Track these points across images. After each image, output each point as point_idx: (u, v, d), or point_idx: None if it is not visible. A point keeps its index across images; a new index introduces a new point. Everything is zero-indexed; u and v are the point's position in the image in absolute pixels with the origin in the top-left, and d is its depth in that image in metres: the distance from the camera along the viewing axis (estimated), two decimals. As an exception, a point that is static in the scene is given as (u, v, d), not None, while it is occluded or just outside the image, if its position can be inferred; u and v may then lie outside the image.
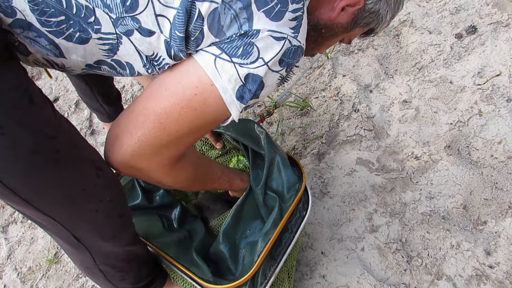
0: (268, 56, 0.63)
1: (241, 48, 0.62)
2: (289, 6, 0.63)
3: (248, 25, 0.62)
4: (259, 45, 0.62)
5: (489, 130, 1.36)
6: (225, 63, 0.63)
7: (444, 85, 1.50)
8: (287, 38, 0.63)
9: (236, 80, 0.63)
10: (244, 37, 0.62)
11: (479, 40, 1.57)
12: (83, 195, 0.69)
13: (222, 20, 0.62)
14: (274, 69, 0.64)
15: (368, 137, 1.43)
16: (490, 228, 1.22)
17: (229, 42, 0.62)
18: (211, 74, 0.63)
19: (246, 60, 0.63)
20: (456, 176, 1.30)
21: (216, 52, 0.63)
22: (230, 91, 0.64)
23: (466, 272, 1.16)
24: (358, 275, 1.18)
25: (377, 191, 1.34)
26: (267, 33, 0.62)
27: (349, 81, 1.55)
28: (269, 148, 1.02)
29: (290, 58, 0.65)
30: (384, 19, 0.78)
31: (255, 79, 0.64)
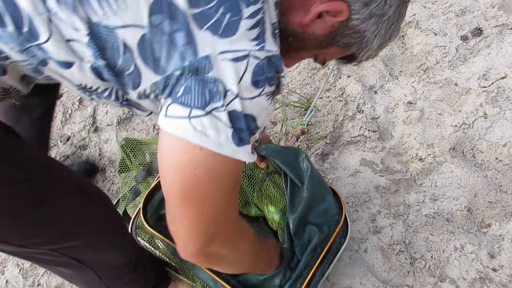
0: (235, 86, 0.51)
1: (205, 91, 0.50)
2: (244, 11, 0.50)
3: (191, 53, 0.49)
4: (218, 76, 0.50)
5: (494, 132, 1.36)
6: (202, 119, 0.51)
7: (449, 87, 1.50)
8: (249, 56, 0.50)
9: (224, 129, 0.52)
10: (197, 74, 0.50)
11: (485, 42, 1.57)
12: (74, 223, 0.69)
13: (156, 50, 0.51)
14: (252, 95, 0.53)
15: (372, 138, 1.43)
16: (494, 231, 1.22)
17: (186, 91, 0.51)
18: (196, 139, 0.52)
19: (219, 101, 0.51)
20: (460, 179, 1.30)
21: (185, 113, 0.51)
22: (226, 144, 0.53)
23: (470, 275, 1.16)
24: (361, 276, 1.18)
25: (381, 193, 1.34)
26: (219, 57, 0.50)
27: (354, 82, 1.55)
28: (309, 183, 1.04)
29: (267, 72, 0.53)
30: (369, 45, 0.65)
31: (237, 117, 0.53)
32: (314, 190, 1.04)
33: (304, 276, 0.98)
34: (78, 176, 0.76)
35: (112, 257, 0.83)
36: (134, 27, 0.49)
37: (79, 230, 0.70)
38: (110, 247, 0.80)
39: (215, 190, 0.58)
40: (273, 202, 1.16)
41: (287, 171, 1.09)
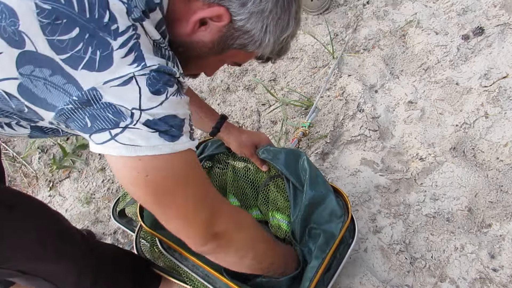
0: (136, 103, 0.54)
1: (108, 115, 0.53)
2: (113, 44, 0.52)
3: (76, 89, 0.52)
4: (114, 101, 0.53)
5: (495, 132, 1.35)
6: (124, 133, 0.54)
7: (450, 87, 1.49)
8: (134, 77, 0.53)
9: (149, 134, 0.55)
10: (92, 105, 0.53)
11: (486, 42, 1.56)
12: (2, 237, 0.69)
13: (37, 92, 0.53)
14: (157, 103, 0.55)
15: (372, 138, 1.43)
16: (494, 231, 1.21)
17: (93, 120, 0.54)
18: (130, 151, 0.55)
19: (127, 119, 0.54)
20: (461, 178, 1.29)
21: (107, 136, 0.55)
22: (160, 144, 0.56)
23: (470, 275, 1.16)
24: (361, 275, 1.18)
25: (381, 192, 1.33)
26: (105, 86, 0.52)
27: (355, 81, 1.54)
28: (308, 188, 1.04)
29: (160, 80, 0.56)
30: (263, 42, 0.67)
31: (154, 123, 0.56)
32: (314, 194, 1.04)
33: (312, 277, 0.97)
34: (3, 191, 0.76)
35: (62, 267, 0.83)
36: (8, 80, 0.53)
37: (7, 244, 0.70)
38: (54, 257, 0.80)
39: (177, 184, 0.61)
40: (279, 209, 1.16)
41: (287, 175, 1.08)
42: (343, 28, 1.73)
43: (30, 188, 1.66)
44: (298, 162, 1.10)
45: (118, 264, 1.00)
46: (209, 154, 1.21)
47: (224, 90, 1.69)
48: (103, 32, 0.52)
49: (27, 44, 0.51)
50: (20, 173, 1.70)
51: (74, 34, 0.51)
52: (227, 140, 1.15)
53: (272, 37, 0.67)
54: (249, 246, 0.79)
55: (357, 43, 1.68)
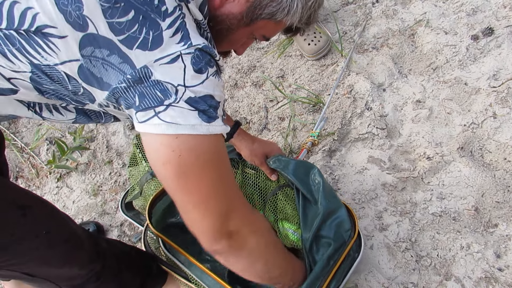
0: (182, 80, 0.58)
1: (157, 92, 0.58)
2: (162, 25, 0.57)
3: (129, 67, 0.57)
4: (162, 78, 0.57)
5: (503, 133, 1.35)
6: (167, 112, 0.58)
7: (459, 87, 1.49)
8: (181, 55, 0.58)
9: (190, 113, 0.59)
10: (143, 83, 0.57)
11: (496, 42, 1.56)
12: (13, 240, 0.69)
13: (95, 72, 0.59)
14: (200, 80, 0.60)
15: (380, 136, 1.43)
16: (501, 231, 1.21)
17: (142, 97, 0.58)
18: (171, 129, 0.58)
19: (172, 96, 0.58)
20: (468, 178, 1.30)
21: (151, 113, 0.59)
22: (198, 124, 0.60)
23: (475, 274, 1.16)
24: (366, 272, 1.18)
25: (388, 190, 1.34)
26: (156, 64, 0.57)
27: (363, 79, 1.55)
28: (323, 199, 1.05)
29: (203, 59, 0.60)
30: (292, 9, 0.69)
31: (195, 101, 0.59)
32: (328, 205, 1.06)
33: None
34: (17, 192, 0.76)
35: (68, 271, 0.83)
36: (70, 62, 0.58)
37: (17, 246, 0.70)
38: (62, 262, 0.80)
39: (205, 167, 0.62)
40: (287, 218, 1.16)
41: (298, 185, 1.09)
42: (352, 26, 1.73)
43: (38, 179, 1.67)
44: (309, 174, 1.10)
45: (125, 263, 1.00)
46: None
47: (232, 86, 1.70)
48: (154, 14, 0.57)
49: (90, 27, 0.55)
50: (28, 164, 1.71)
51: (130, 16, 0.56)
52: (239, 147, 1.16)
53: (300, 2, 0.68)
54: (262, 252, 0.77)
55: (366, 41, 1.68)
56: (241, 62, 1.74)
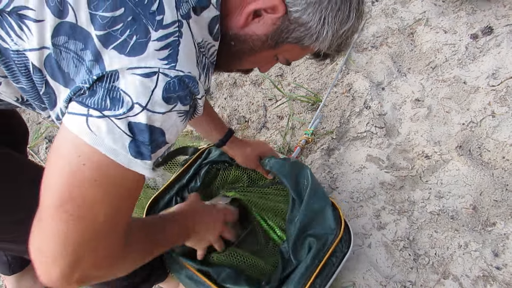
0: (144, 99, 0.50)
1: (107, 97, 0.50)
2: (152, 34, 0.51)
3: (99, 68, 0.51)
4: (125, 89, 0.50)
5: (502, 131, 1.35)
6: (99, 121, 0.50)
7: (458, 85, 1.49)
8: (159, 72, 0.51)
9: (121, 137, 0.51)
10: (103, 83, 0.50)
11: (495, 41, 1.56)
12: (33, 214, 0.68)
13: (63, 66, 0.53)
14: (161, 110, 0.52)
15: (379, 135, 1.43)
16: (499, 229, 1.21)
17: (91, 94, 0.51)
18: (89, 139, 0.50)
19: (120, 109, 0.50)
20: (466, 177, 1.30)
21: (83, 111, 0.51)
22: (121, 152, 0.51)
23: (473, 273, 1.16)
24: (364, 271, 1.18)
25: (386, 189, 1.34)
26: (128, 71, 0.50)
27: (362, 78, 1.55)
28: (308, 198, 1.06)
29: (178, 91, 0.53)
30: (321, 36, 0.62)
31: (140, 128, 0.51)
32: (313, 206, 1.07)
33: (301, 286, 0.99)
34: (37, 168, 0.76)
35: None
36: (40, 50, 0.53)
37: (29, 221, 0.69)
38: None
39: (101, 194, 0.52)
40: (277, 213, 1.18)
41: (288, 187, 1.10)
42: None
43: (37, 177, 1.68)
44: (300, 175, 1.11)
45: None
46: (214, 160, 1.22)
47: (231, 84, 1.70)
48: (147, 19, 0.51)
49: (70, 15, 0.51)
50: (27, 162, 1.72)
51: (118, 13, 0.51)
52: (232, 154, 1.15)
53: (331, 30, 0.62)
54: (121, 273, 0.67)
55: (365, 40, 1.68)
56: (240, 60, 1.74)
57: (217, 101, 1.65)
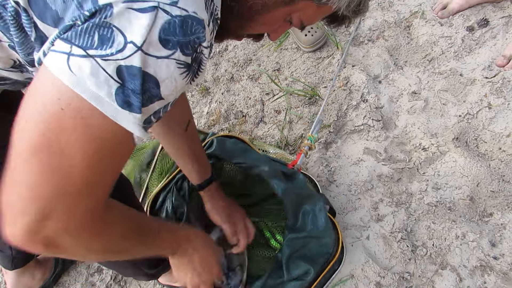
0: (138, 37, 0.43)
1: (95, 34, 0.43)
2: None
3: (91, 3, 0.44)
4: (118, 24, 0.43)
5: (498, 123, 1.36)
6: (81, 60, 0.43)
7: (454, 78, 1.50)
8: (158, 7, 0.44)
9: (107, 82, 0.44)
10: (94, 18, 0.43)
11: (491, 34, 1.56)
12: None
13: (50, 3, 0.46)
14: (157, 54, 0.45)
15: (376, 128, 1.43)
16: (496, 220, 1.22)
17: (75, 29, 0.44)
18: (69, 81, 0.43)
19: (109, 49, 0.43)
20: (463, 168, 1.30)
21: (66, 49, 0.44)
22: (106, 100, 0.44)
23: (471, 263, 1.17)
24: (363, 263, 1.19)
25: (384, 181, 1.34)
26: (122, 5, 0.43)
27: (358, 71, 1.55)
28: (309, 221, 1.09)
29: (179, 35, 0.45)
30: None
31: (132, 73, 0.44)
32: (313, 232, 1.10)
33: None
34: None
35: None
36: None
37: None
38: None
39: (79, 145, 0.45)
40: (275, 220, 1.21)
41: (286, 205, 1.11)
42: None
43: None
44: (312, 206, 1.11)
45: None
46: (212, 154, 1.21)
47: (228, 79, 1.70)
48: None
49: None
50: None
51: None
52: (205, 200, 1.10)
53: None
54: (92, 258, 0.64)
55: (361, 33, 1.68)
56: (237, 55, 1.74)
57: (214, 96, 1.65)
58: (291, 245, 1.09)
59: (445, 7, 1.64)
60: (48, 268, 1.22)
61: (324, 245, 1.10)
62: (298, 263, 1.08)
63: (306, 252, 1.09)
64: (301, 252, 1.09)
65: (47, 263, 1.23)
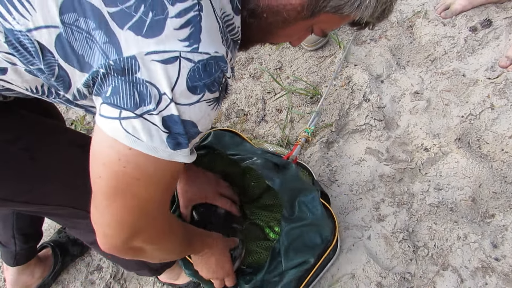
0: (168, 89, 0.47)
1: (135, 93, 0.47)
2: (169, 10, 0.46)
3: (115, 53, 0.46)
4: (149, 78, 0.47)
5: (501, 124, 1.35)
6: (133, 121, 0.48)
7: (457, 78, 1.49)
8: (180, 57, 0.46)
9: (158, 133, 0.50)
10: (126, 75, 0.47)
11: (494, 34, 1.56)
12: (76, 176, 0.68)
13: (77, 48, 0.49)
14: (188, 101, 0.49)
15: (378, 127, 1.43)
16: (497, 221, 1.22)
17: (114, 91, 0.47)
18: (127, 141, 0.49)
19: (150, 104, 0.48)
20: (465, 169, 1.30)
21: (115, 114, 0.48)
22: (161, 148, 0.51)
23: (472, 264, 1.16)
24: (364, 263, 1.19)
25: (385, 181, 1.34)
26: (147, 58, 0.46)
27: (361, 71, 1.54)
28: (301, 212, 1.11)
29: (204, 78, 0.48)
30: (363, 3, 0.55)
31: (174, 121, 0.49)
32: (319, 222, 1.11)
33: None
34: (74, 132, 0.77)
35: None
36: (47, 28, 0.48)
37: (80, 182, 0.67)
38: None
39: (145, 189, 0.55)
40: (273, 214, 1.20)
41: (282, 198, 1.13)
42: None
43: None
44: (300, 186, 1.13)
45: None
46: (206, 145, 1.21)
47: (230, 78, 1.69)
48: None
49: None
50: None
51: None
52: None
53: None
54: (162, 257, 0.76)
55: (364, 33, 1.68)
56: (239, 54, 1.73)
57: (215, 94, 1.65)
58: (289, 235, 1.09)
59: (448, 8, 1.63)
60: (47, 266, 1.22)
61: (322, 232, 1.11)
62: (297, 251, 1.08)
63: (305, 241, 1.09)
64: (300, 241, 1.09)
65: (47, 261, 1.22)
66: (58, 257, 1.23)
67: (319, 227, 1.11)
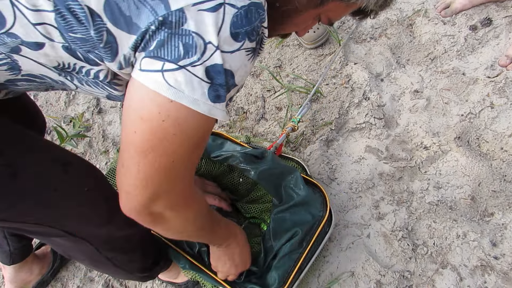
0: (213, 36, 0.48)
1: (179, 44, 0.48)
2: None
3: (164, 8, 0.47)
4: (195, 28, 0.48)
5: (500, 123, 1.35)
6: (175, 73, 0.50)
7: (457, 77, 1.49)
8: (224, 3, 0.48)
9: (200, 85, 0.51)
10: (172, 28, 0.48)
11: (494, 33, 1.55)
12: (56, 195, 0.67)
13: (125, 9, 0.49)
14: (230, 49, 0.50)
15: (377, 126, 1.43)
16: (497, 219, 1.22)
17: (160, 43, 0.49)
18: (170, 94, 0.50)
19: (194, 55, 0.49)
20: (465, 167, 1.30)
21: (158, 66, 0.50)
22: (201, 100, 0.51)
23: (471, 262, 1.17)
24: (363, 261, 1.19)
25: (385, 179, 1.34)
26: (193, 8, 0.47)
27: (361, 69, 1.54)
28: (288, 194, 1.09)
29: (246, 25, 0.50)
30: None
31: (217, 70, 0.51)
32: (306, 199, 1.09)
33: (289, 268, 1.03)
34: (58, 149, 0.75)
35: (106, 232, 0.81)
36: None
37: (60, 202, 0.68)
38: (102, 221, 0.78)
39: (179, 145, 0.55)
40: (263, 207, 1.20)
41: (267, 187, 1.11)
42: (350, 15, 1.72)
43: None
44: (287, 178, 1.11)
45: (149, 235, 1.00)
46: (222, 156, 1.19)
47: (229, 75, 1.69)
48: None
49: None
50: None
51: None
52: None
53: None
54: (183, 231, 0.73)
55: (364, 31, 1.67)
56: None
57: (215, 92, 1.64)
58: (276, 219, 1.08)
59: (448, 6, 1.63)
60: (46, 263, 1.21)
61: (311, 210, 1.09)
62: (287, 231, 1.07)
63: (295, 221, 1.07)
64: (288, 222, 1.07)
65: (45, 258, 1.22)
66: (57, 254, 1.23)
67: (308, 206, 1.08)
